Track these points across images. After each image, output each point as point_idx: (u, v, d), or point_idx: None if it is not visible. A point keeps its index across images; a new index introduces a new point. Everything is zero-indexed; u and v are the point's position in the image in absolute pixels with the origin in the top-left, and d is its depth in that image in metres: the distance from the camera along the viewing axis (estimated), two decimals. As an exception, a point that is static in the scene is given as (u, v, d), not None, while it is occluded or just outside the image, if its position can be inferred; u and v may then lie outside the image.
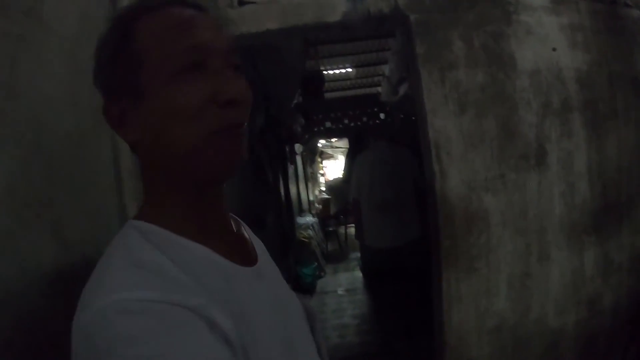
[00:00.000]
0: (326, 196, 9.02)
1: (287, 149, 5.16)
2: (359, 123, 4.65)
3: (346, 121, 5.16)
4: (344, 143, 8.84)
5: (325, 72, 4.76)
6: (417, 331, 2.51)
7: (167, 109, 0.51)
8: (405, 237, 2.78)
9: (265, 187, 3.76)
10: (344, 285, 5.51)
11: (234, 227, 0.68)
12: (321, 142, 9.71)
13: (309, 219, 6.76)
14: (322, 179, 11.62)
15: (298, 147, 5.96)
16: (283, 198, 5.03)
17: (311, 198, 9.75)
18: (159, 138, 0.53)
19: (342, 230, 7.64)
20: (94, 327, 0.42)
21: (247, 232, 0.74)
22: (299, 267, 5.20)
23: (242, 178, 2.97)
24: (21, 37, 0.96)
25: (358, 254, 4.45)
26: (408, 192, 2.88)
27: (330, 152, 11.05)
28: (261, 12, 1.80)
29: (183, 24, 0.53)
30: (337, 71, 4.65)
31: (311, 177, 10.03)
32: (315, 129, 5.17)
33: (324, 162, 12.17)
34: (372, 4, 1.82)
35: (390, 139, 3.06)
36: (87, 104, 1.09)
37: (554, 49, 1.94)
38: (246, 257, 0.63)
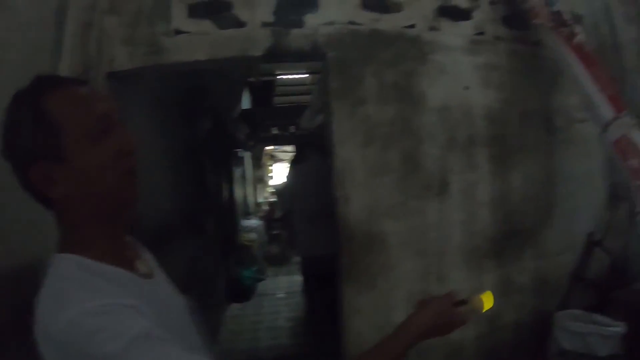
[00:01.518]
0: (273, 199, 9.05)
1: (233, 154, 5.29)
2: (304, 132, 4.76)
3: (292, 129, 5.23)
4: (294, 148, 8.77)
5: (281, 77, 4.90)
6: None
7: (90, 164, 0.70)
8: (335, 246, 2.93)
9: (205, 192, 3.94)
10: (284, 288, 5.61)
11: (134, 246, 0.87)
12: (272, 146, 9.74)
13: (253, 222, 6.86)
14: (271, 182, 11.81)
15: (245, 152, 6.07)
16: (226, 202, 5.14)
17: (259, 200, 9.83)
18: (85, 186, 0.71)
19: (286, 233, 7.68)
20: (69, 332, 0.61)
21: (142, 251, 0.93)
22: (239, 269, 5.27)
23: (181, 184, 3.17)
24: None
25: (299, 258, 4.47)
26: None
27: (281, 156, 11.12)
28: (192, 43, 1.99)
29: (88, 99, 0.72)
30: (292, 76, 4.74)
31: (259, 181, 10.23)
32: (262, 136, 5.30)
33: (274, 165, 12.21)
34: (293, 40, 2.00)
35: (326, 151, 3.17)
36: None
37: (466, 88, 2.10)
38: (146, 271, 0.83)
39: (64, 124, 0.70)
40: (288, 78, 4.66)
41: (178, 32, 2.01)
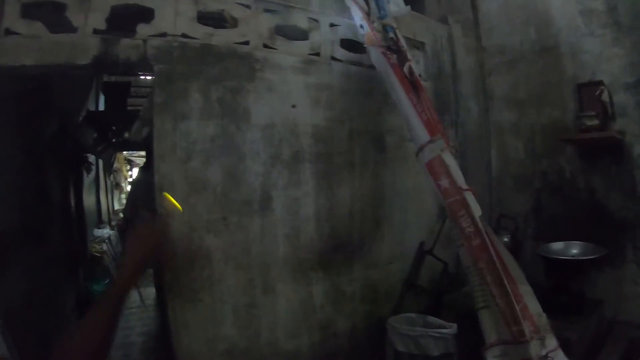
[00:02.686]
0: (124, 206, 8.70)
1: (81, 159, 5.03)
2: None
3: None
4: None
5: (139, 78, 4.75)
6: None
7: None
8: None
9: (47, 199, 3.69)
10: (137, 302, 5.01)
11: None
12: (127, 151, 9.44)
13: (106, 231, 6.40)
14: (128, 188, 11.38)
15: (98, 157, 5.74)
16: (74, 210, 4.81)
17: (116, 207, 9.41)
18: None
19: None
20: None
21: None
22: (89, 282, 4.96)
23: (20, 190, 2.96)
24: None
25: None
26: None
27: (138, 161, 10.85)
28: (21, 46, 1.84)
29: None
30: (150, 77, 4.56)
31: (115, 187, 9.79)
32: (113, 140, 5.08)
33: (132, 170, 11.90)
34: (122, 51, 1.93)
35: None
36: None
37: (293, 106, 2.17)
38: None
39: None
40: (146, 79, 4.46)
41: (8, 32, 1.84)
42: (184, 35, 2.06)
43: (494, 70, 3.24)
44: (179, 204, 1.97)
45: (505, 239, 2.90)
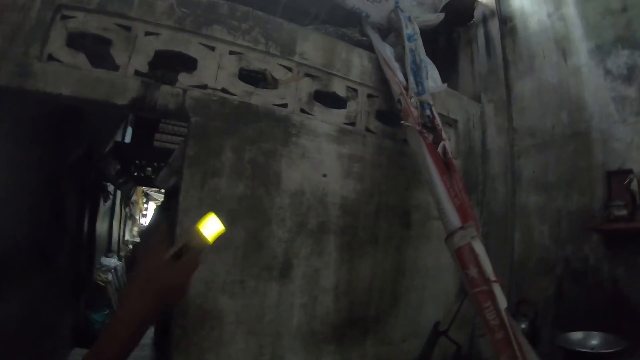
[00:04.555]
0: (138, 240, 8.69)
1: (100, 188, 5.11)
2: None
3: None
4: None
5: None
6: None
7: None
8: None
9: (61, 224, 3.70)
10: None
11: None
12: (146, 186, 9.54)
13: (113, 261, 6.40)
14: (141, 220, 11.44)
15: (116, 187, 5.78)
16: (85, 236, 4.82)
17: (127, 238, 9.30)
18: None
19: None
20: None
21: None
22: (90, 311, 4.88)
23: (35, 212, 2.97)
24: None
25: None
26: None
27: (155, 196, 10.94)
28: (61, 75, 1.86)
29: None
30: None
31: (129, 218, 9.87)
32: (135, 174, 5.12)
33: (148, 204, 11.97)
34: (161, 97, 1.97)
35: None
36: None
37: (324, 175, 2.18)
38: None
39: None
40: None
41: (51, 58, 1.87)
42: (223, 90, 2.11)
43: (523, 152, 3.23)
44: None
45: (523, 326, 2.79)
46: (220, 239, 1.89)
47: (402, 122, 2.34)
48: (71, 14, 1.92)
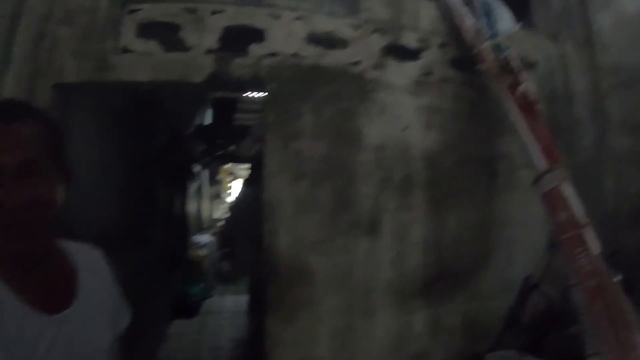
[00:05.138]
0: (228, 216, 8.85)
1: (187, 169, 5.30)
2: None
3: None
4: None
5: (246, 95, 4.89)
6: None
7: None
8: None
9: (154, 205, 3.90)
10: (230, 307, 5.46)
11: (56, 277, 0.86)
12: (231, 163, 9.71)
13: (206, 238, 6.70)
14: (228, 199, 11.72)
15: (203, 168, 5.97)
16: (177, 216, 5.06)
17: (215, 217, 9.60)
18: None
19: (239, 251, 7.51)
20: None
21: (85, 273, 0.92)
22: (186, 286, 5.17)
23: (130, 195, 3.16)
24: None
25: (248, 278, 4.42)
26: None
27: (240, 174, 11.10)
28: (137, 63, 1.98)
29: None
30: (257, 95, 4.69)
31: (216, 197, 10.09)
32: (219, 153, 5.24)
33: (232, 181, 12.16)
34: (235, 69, 2.00)
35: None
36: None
37: (404, 129, 2.11)
38: (57, 305, 0.82)
39: None
40: (254, 96, 4.63)
41: (125, 50, 2.00)
42: (294, 55, 2.09)
43: (610, 92, 2.95)
44: (288, 222, 2.00)
45: (617, 279, 2.62)
46: (307, 199, 1.91)
47: (477, 67, 2.22)
48: (137, 7, 2.00)
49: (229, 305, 5.63)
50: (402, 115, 2.12)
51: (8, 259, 0.78)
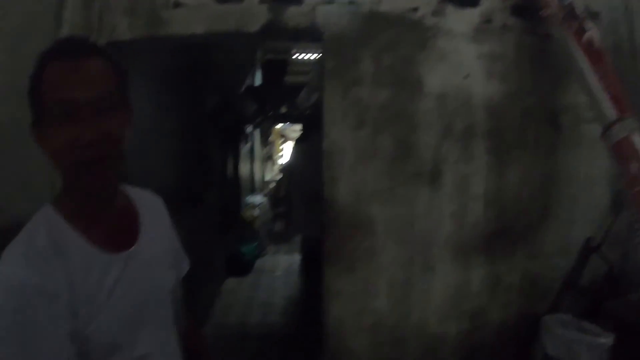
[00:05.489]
0: (279, 177, 9.05)
1: (239, 130, 5.31)
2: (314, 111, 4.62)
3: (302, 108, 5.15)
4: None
5: (295, 56, 4.84)
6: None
7: (49, 145, 0.74)
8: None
9: (208, 166, 3.93)
10: (282, 266, 5.58)
11: (121, 216, 0.87)
12: (282, 124, 9.80)
13: (258, 198, 6.82)
14: (279, 160, 11.82)
15: (254, 129, 6.02)
16: (230, 176, 5.11)
17: (267, 178, 9.83)
18: (52, 157, 0.76)
19: (291, 212, 7.61)
20: None
21: (146, 215, 0.93)
22: (239, 244, 5.29)
23: (184, 155, 3.19)
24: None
25: (300, 237, 4.45)
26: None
27: (291, 135, 11.16)
28: (190, 16, 1.97)
29: (63, 79, 0.72)
30: (308, 56, 4.66)
31: (268, 158, 10.24)
32: (270, 113, 5.24)
33: (284, 143, 12.26)
34: (291, 18, 1.96)
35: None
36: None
37: (465, 77, 2.04)
38: (123, 243, 0.83)
39: (42, 97, 0.73)
40: (302, 58, 4.62)
41: (177, 4, 2.00)
42: (350, 2, 2.03)
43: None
44: (348, 171, 1.96)
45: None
46: (367, 147, 1.87)
47: (540, 13, 2.12)
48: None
49: (282, 264, 5.72)
50: (463, 63, 2.04)
51: (77, 198, 0.78)
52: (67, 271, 0.71)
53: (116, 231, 0.84)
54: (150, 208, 0.97)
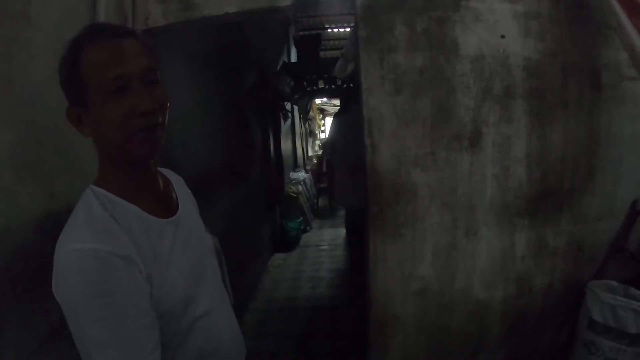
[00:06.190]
0: (321, 152, 9.17)
1: (278, 107, 5.40)
2: (351, 85, 4.56)
3: (339, 82, 4.99)
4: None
5: (329, 30, 4.84)
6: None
7: (103, 119, 0.79)
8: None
9: (249, 143, 4.02)
10: (327, 240, 5.69)
11: (162, 187, 0.95)
12: (321, 100, 9.82)
13: (301, 174, 6.98)
14: (321, 136, 11.88)
15: (293, 106, 6.06)
16: (272, 154, 5.22)
17: (309, 154, 10.00)
18: (102, 136, 0.82)
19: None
20: (61, 265, 0.72)
21: (176, 189, 1.01)
22: (285, 220, 5.43)
23: (226, 135, 3.25)
24: (15, 38, 1.28)
25: (344, 211, 4.46)
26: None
27: (331, 110, 11.20)
28: None
29: (112, 57, 0.77)
30: (340, 29, 4.66)
31: (309, 134, 10.30)
32: (308, 89, 5.26)
33: (324, 119, 12.32)
34: None
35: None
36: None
37: (502, 36, 2.01)
38: (167, 211, 0.91)
39: (88, 78, 0.77)
40: (334, 32, 4.64)
41: None
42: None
43: None
44: (388, 137, 1.96)
45: None
46: (406, 112, 1.86)
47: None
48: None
49: (327, 238, 5.85)
50: (498, 23, 2.01)
51: (121, 174, 0.85)
52: (129, 236, 0.77)
53: (160, 199, 0.92)
54: (177, 182, 1.05)
